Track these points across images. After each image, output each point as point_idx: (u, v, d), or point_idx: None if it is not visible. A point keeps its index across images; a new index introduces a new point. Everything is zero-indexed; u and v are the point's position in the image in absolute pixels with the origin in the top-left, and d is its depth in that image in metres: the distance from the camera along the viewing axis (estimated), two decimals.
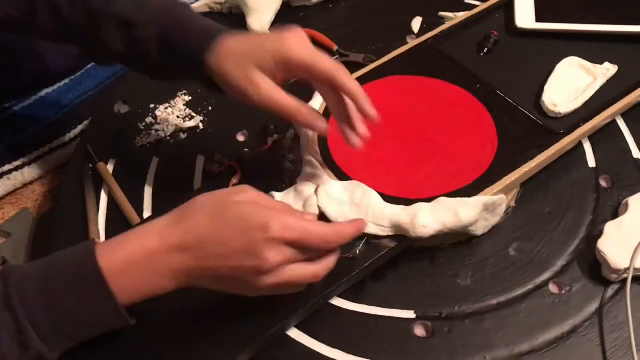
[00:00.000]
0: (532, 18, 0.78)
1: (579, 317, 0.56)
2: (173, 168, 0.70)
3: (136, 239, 0.47)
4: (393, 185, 0.60)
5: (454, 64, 0.73)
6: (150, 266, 0.46)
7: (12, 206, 0.74)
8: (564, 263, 0.60)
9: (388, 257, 0.58)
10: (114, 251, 0.46)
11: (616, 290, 0.58)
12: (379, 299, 0.58)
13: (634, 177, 0.66)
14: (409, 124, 0.66)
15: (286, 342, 0.55)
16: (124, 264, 0.45)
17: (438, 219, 0.56)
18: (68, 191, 0.69)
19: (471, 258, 0.61)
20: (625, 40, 0.75)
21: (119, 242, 0.47)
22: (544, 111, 0.67)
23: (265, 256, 0.45)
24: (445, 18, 0.84)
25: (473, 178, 0.61)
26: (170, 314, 0.53)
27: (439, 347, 0.55)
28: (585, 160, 0.68)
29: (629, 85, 0.69)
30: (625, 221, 0.60)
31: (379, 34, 0.84)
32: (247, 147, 0.72)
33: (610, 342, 0.55)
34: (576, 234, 0.62)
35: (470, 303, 0.58)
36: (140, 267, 0.46)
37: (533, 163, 0.62)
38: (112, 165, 0.71)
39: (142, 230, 0.47)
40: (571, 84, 0.70)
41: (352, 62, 0.80)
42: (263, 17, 0.83)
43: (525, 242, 0.62)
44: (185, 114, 0.76)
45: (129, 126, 0.75)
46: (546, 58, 0.73)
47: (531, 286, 0.59)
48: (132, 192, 0.67)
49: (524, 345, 0.55)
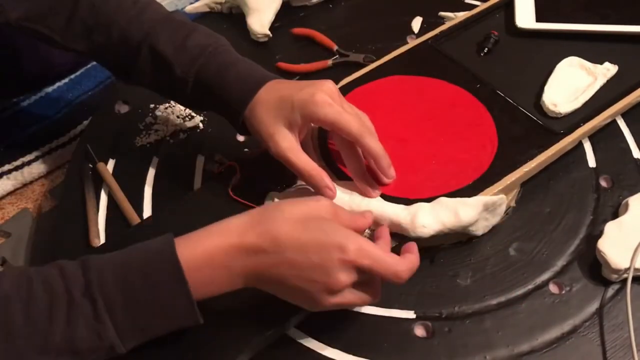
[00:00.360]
0: (532, 18, 0.78)
1: (579, 317, 0.56)
2: (173, 168, 0.70)
3: (216, 235, 0.47)
4: (393, 185, 0.60)
5: (454, 64, 0.73)
6: (227, 263, 0.46)
7: (12, 206, 0.74)
8: (564, 263, 0.60)
9: None
10: (193, 246, 0.46)
11: (616, 290, 0.58)
12: (379, 299, 0.58)
13: (634, 177, 0.66)
14: (409, 124, 0.66)
15: (286, 342, 0.55)
16: (202, 259, 0.46)
17: (438, 219, 0.56)
18: (68, 191, 0.69)
19: (471, 258, 0.61)
20: (625, 40, 0.75)
21: (198, 238, 0.47)
22: (544, 111, 0.67)
23: (337, 276, 0.46)
24: (445, 18, 0.84)
25: (473, 178, 0.61)
26: None
27: (439, 347, 0.55)
28: (586, 160, 0.68)
29: (629, 85, 0.69)
30: (626, 221, 0.60)
31: (379, 34, 0.84)
32: (247, 147, 0.72)
33: (610, 342, 0.55)
34: (576, 234, 0.62)
35: (470, 303, 0.58)
36: (217, 263, 0.46)
37: (533, 163, 0.62)
38: (112, 165, 0.71)
39: (221, 227, 0.48)
40: (571, 84, 0.70)
41: (352, 62, 0.80)
42: (263, 17, 0.83)
43: (525, 242, 0.62)
44: (185, 114, 0.76)
45: (129, 126, 0.75)
46: (546, 58, 0.73)
47: (531, 286, 0.59)
48: (132, 192, 0.67)
49: (524, 345, 0.55)
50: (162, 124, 0.75)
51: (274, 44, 0.83)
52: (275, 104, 0.56)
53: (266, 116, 0.56)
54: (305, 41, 0.84)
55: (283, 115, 0.55)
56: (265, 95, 0.56)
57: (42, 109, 0.82)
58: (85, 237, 0.63)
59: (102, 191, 0.68)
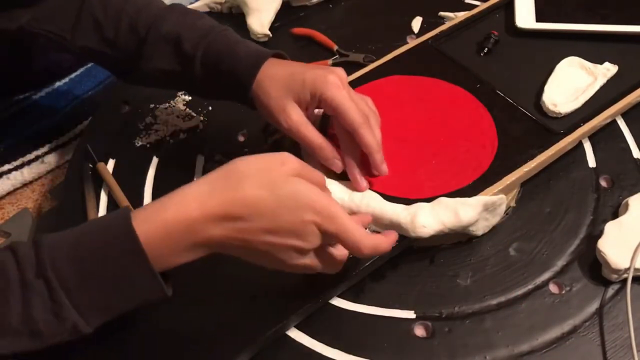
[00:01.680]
0: (532, 18, 0.78)
1: (579, 317, 0.56)
2: (173, 168, 0.70)
3: (173, 207, 0.45)
4: (393, 185, 0.60)
5: (454, 64, 0.73)
6: (189, 236, 0.44)
7: (12, 206, 0.74)
8: (564, 263, 0.60)
9: (388, 257, 0.58)
10: (150, 219, 0.44)
11: (616, 290, 0.58)
12: (379, 299, 0.58)
13: (634, 177, 0.66)
14: (409, 124, 0.66)
15: (286, 342, 0.55)
16: (160, 232, 0.44)
17: (438, 219, 0.56)
18: (68, 191, 0.69)
19: (471, 258, 0.61)
20: (625, 40, 0.75)
21: (155, 210, 0.45)
22: (544, 111, 0.67)
23: (307, 237, 0.46)
24: (445, 18, 0.84)
25: (473, 178, 0.61)
26: (171, 314, 0.53)
27: (439, 347, 0.55)
28: (586, 160, 0.68)
29: (629, 85, 0.69)
30: (626, 221, 0.59)
31: (379, 34, 0.84)
32: (247, 147, 0.72)
33: (611, 342, 0.55)
34: (576, 234, 0.62)
35: (470, 303, 0.57)
36: (178, 236, 0.44)
37: (533, 163, 0.62)
38: (112, 165, 0.71)
39: (178, 197, 0.45)
40: (571, 84, 0.70)
41: (352, 62, 0.80)
42: (263, 17, 0.83)
43: (525, 242, 0.62)
44: (185, 114, 0.76)
45: (129, 126, 0.75)
46: (546, 58, 0.73)
47: (531, 286, 0.59)
48: (132, 192, 0.67)
49: (524, 345, 0.55)
50: (162, 124, 0.75)
51: (274, 44, 0.83)
52: (285, 79, 0.56)
53: (275, 91, 0.56)
54: (305, 41, 0.85)
55: (293, 91, 0.56)
56: (274, 69, 0.57)
57: (42, 109, 0.83)
58: None
59: (102, 191, 0.68)
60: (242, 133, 0.73)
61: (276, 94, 0.56)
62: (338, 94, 0.55)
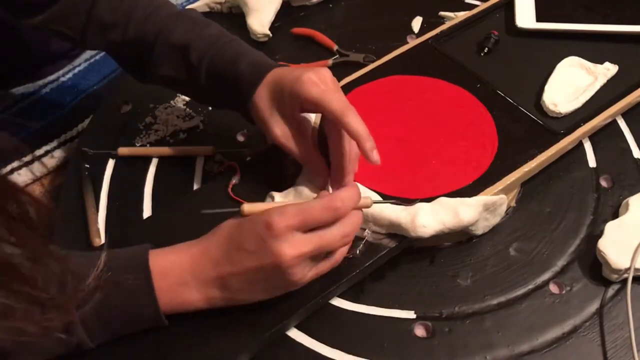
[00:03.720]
0: (532, 18, 0.78)
1: (579, 317, 0.56)
2: (173, 168, 0.70)
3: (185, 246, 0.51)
4: (393, 185, 0.60)
5: (454, 64, 0.73)
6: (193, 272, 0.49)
7: None
8: (564, 263, 0.60)
9: (388, 257, 0.58)
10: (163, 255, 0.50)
11: (616, 290, 0.58)
12: (379, 299, 0.58)
13: (634, 177, 0.66)
14: (409, 124, 0.66)
15: (286, 342, 0.55)
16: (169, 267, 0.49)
17: (438, 218, 0.56)
18: (67, 191, 0.69)
19: (471, 258, 0.61)
20: (625, 40, 0.75)
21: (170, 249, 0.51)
22: (544, 111, 0.67)
23: (278, 251, 0.46)
24: (446, 18, 0.84)
25: (473, 178, 0.61)
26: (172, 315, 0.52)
27: (439, 347, 0.55)
28: (586, 160, 0.68)
29: (629, 85, 0.69)
30: (626, 221, 0.59)
31: (379, 34, 0.84)
32: (247, 147, 0.71)
33: (611, 342, 0.55)
34: (576, 234, 0.62)
35: (470, 303, 0.57)
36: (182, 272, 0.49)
37: (533, 163, 0.62)
38: (112, 165, 0.71)
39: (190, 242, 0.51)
40: (571, 84, 0.70)
41: (352, 62, 0.80)
42: (263, 17, 0.83)
43: (525, 242, 0.62)
44: (185, 114, 0.76)
45: (129, 126, 0.75)
46: (546, 58, 0.73)
47: (531, 286, 0.58)
48: (132, 192, 0.67)
49: (524, 345, 0.55)
50: (162, 124, 0.74)
51: (274, 44, 0.83)
52: (270, 89, 0.57)
53: (263, 103, 0.57)
54: (305, 41, 0.85)
55: (276, 100, 0.56)
56: (265, 82, 0.57)
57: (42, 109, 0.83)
58: (86, 238, 0.63)
59: (101, 191, 0.68)
60: (242, 133, 0.73)
61: (263, 106, 0.57)
62: (314, 89, 0.53)
